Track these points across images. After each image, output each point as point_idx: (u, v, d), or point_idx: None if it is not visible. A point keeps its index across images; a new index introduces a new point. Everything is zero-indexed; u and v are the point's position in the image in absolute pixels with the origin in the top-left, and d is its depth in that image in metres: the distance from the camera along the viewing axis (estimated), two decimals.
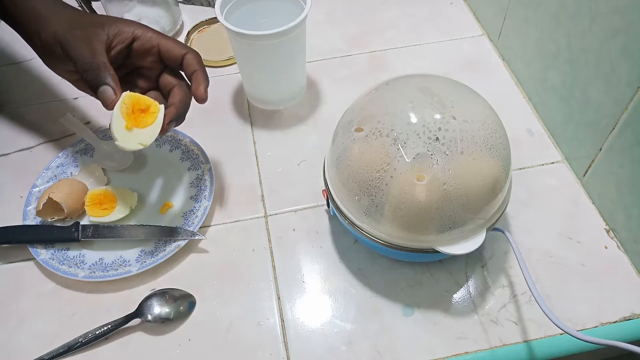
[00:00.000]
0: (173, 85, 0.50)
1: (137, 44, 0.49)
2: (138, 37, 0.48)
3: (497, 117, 0.46)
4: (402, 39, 0.75)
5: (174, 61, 0.49)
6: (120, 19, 0.49)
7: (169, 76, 0.50)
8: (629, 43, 0.47)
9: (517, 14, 0.65)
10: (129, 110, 0.45)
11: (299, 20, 0.55)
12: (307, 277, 0.52)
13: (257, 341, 0.48)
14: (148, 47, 0.49)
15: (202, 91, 0.48)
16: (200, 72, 0.49)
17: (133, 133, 0.45)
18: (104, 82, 0.45)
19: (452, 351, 0.46)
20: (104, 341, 0.48)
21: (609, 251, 0.52)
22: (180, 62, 0.49)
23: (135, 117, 0.46)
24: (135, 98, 0.46)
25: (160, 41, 0.49)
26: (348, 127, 0.46)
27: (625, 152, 0.49)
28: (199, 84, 0.48)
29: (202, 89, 0.48)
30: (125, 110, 0.45)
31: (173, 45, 0.49)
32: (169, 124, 0.47)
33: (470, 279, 0.51)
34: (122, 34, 0.48)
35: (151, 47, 0.49)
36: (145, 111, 0.47)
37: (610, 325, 0.47)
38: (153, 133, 0.46)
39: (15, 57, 0.74)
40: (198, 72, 0.48)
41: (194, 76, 0.48)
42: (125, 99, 0.45)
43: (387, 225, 0.44)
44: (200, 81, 0.48)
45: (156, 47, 0.49)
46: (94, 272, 0.50)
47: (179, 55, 0.49)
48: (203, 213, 0.54)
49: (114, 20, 0.48)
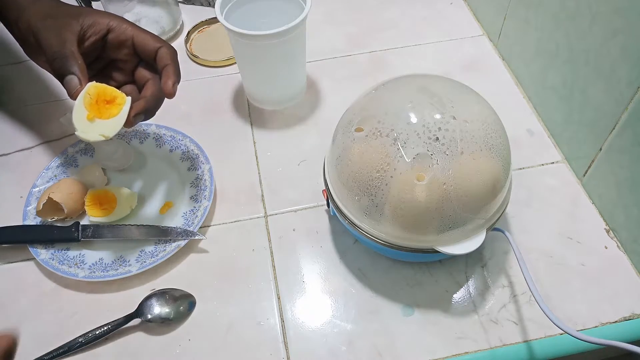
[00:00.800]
0: (147, 79, 0.49)
1: (112, 36, 0.48)
2: (113, 28, 0.48)
3: (497, 117, 0.46)
4: (402, 39, 0.75)
5: (148, 54, 0.49)
6: (97, 11, 0.49)
7: (144, 70, 0.50)
8: (629, 43, 0.47)
9: (517, 14, 0.65)
10: (92, 100, 0.44)
11: (299, 20, 0.55)
12: (307, 277, 0.52)
13: (257, 341, 0.48)
14: (122, 39, 0.48)
15: (170, 86, 0.47)
16: (172, 67, 0.48)
17: (95, 124, 0.44)
18: (70, 71, 0.44)
19: (452, 351, 0.46)
20: (104, 341, 0.48)
21: (609, 251, 0.52)
22: (154, 56, 0.48)
23: (99, 107, 0.45)
24: (101, 88, 0.45)
25: (134, 34, 0.48)
26: (348, 127, 0.46)
27: (626, 152, 0.49)
28: (167, 78, 0.47)
29: (169, 84, 0.47)
30: (89, 100, 0.44)
31: (147, 38, 0.48)
32: (136, 116, 0.46)
33: (470, 279, 0.51)
34: (97, 25, 0.47)
35: (125, 39, 0.48)
36: (110, 102, 0.45)
37: (610, 325, 0.47)
38: (116, 125, 0.44)
39: (15, 56, 0.74)
40: (169, 66, 0.48)
41: (164, 70, 0.48)
42: (90, 89, 0.44)
43: (387, 225, 0.44)
44: (170, 75, 0.47)
45: (130, 39, 0.48)
46: (94, 272, 0.50)
47: (153, 49, 0.48)
48: (203, 213, 0.54)
49: (90, 12, 0.48)
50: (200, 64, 0.73)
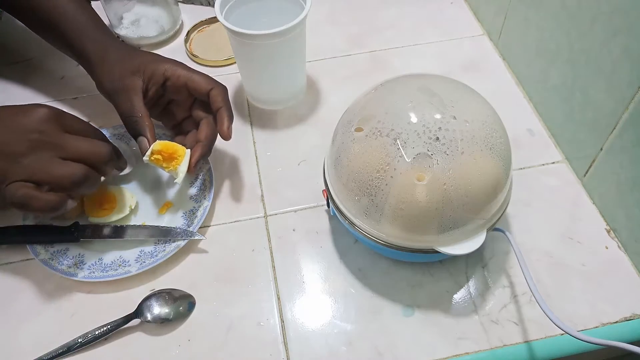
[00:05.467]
0: (201, 118, 0.55)
1: (169, 83, 0.54)
2: (169, 76, 0.53)
3: (497, 117, 0.46)
4: (402, 39, 0.75)
5: (201, 96, 0.54)
6: (153, 58, 0.55)
7: (199, 109, 0.55)
8: (630, 43, 0.46)
9: (518, 14, 0.65)
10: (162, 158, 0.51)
11: (299, 20, 0.55)
12: (307, 277, 0.51)
13: (257, 342, 0.47)
14: (178, 85, 0.54)
15: (226, 129, 0.52)
16: (225, 110, 0.53)
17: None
18: (141, 133, 0.51)
19: (453, 352, 0.46)
20: (104, 341, 0.48)
21: (609, 251, 0.52)
22: (207, 97, 0.54)
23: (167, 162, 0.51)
24: (163, 145, 0.50)
25: (187, 78, 0.53)
26: (348, 127, 0.46)
27: (626, 151, 0.49)
28: (222, 122, 0.52)
29: (225, 128, 0.52)
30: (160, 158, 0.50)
31: (200, 81, 0.53)
32: (197, 163, 0.52)
33: (470, 280, 0.51)
34: (155, 76, 0.53)
35: (181, 85, 0.54)
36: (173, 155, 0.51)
37: (611, 326, 0.47)
38: (182, 173, 0.50)
39: (15, 56, 0.74)
40: (222, 109, 0.53)
41: (219, 113, 0.53)
42: (155, 146, 0.50)
43: (387, 226, 0.44)
44: (224, 120, 0.52)
45: (185, 84, 0.54)
46: (93, 273, 0.50)
47: (205, 91, 0.53)
48: (203, 213, 0.54)
49: (147, 62, 0.54)
50: (200, 63, 0.72)
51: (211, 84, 0.53)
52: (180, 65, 0.54)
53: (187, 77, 0.53)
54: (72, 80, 0.71)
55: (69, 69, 0.71)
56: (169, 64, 0.54)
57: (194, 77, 0.53)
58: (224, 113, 0.53)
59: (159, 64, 0.54)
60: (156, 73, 0.53)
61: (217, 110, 0.53)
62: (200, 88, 0.53)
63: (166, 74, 0.53)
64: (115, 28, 0.75)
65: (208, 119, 0.54)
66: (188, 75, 0.53)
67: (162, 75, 0.53)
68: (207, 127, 0.54)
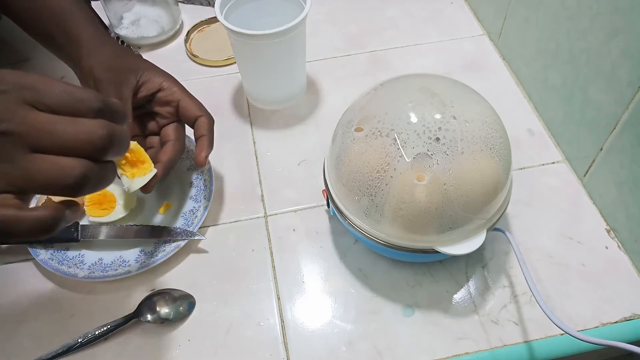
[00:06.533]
0: (169, 140, 0.53)
1: (161, 94, 0.53)
2: (164, 88, 0.52)
3: (497, 117, 0.46)
4: (402, 39, 0.75)
5: (188, 119, 0.53)
6: (153, 67, 0.54)
7: (170, 131, 0.53)
8: (630, 43, 0.46)
9: (518, 14, 0.65)
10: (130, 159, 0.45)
11: (299, 20, 0.55)
12: (307, 277, 0.51)
13: (257, 342, 0.47)
14: (169, 100, 0.53)
15: (203, 158, 0.51)
16: (207, 139, 0.52)
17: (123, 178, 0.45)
18: None
19: (453, 352, 0.46)
20: (104, 341, 0.48)
21: (609, 251, 0.52)
22: (193, 123, 0.53)
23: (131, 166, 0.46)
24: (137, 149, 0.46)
25: (181, 98, 0.53)
26: (348, 127, 0.46)
27: (626, 151, 0.49)
28: (201, 150, 0.52)
29: (202, 156, 0.52)
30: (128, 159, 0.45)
31: (192, 105, 0.53)
32: (154, 185, 0.48)
33: (470, 279, 0.51)
34: (151, 82, 0.52)
35: (172, 100, 0.53)
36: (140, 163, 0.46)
37: (611, 326, 0.47)
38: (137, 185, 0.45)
39: (14, 56, 0.74)
40: (204, 137, 0.52)
41: (200, 140, 0.52)
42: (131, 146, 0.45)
43: (387, 226, 0.44)
44: (204, 148, 0.52)
45: (176, 102, 0.53)
46: (93, 272, 0.50)
47: (194, 116, 0.52)
48: (203, 213, 0.54)
49: (147, 67, 0.53)
50: (200, 63, 0.72)
51: (202, 112, 0.53)
52: (178, 83, 0.54)
53: (181, 96, 0.53)
54: (72, 81, 0.70)
55: (68, 69, 0.71)
56: (169, 78, 0.53)
57: (187, 99, 0.53)
58: (205, 141, 0.52)
59: (158, 73, 0.53)
60: (153, 80, 0.52)
61: (200, 137, 0.52)
62: (191, 111, 0.52)
63: (163, 85, 0.52)
64: (115, 28, 0.75)
65: (175, 142, 0.53)
66: (182, 95, 0.53)
67: (159, 84, 0.52)
68: (172, 150, 0.52)
